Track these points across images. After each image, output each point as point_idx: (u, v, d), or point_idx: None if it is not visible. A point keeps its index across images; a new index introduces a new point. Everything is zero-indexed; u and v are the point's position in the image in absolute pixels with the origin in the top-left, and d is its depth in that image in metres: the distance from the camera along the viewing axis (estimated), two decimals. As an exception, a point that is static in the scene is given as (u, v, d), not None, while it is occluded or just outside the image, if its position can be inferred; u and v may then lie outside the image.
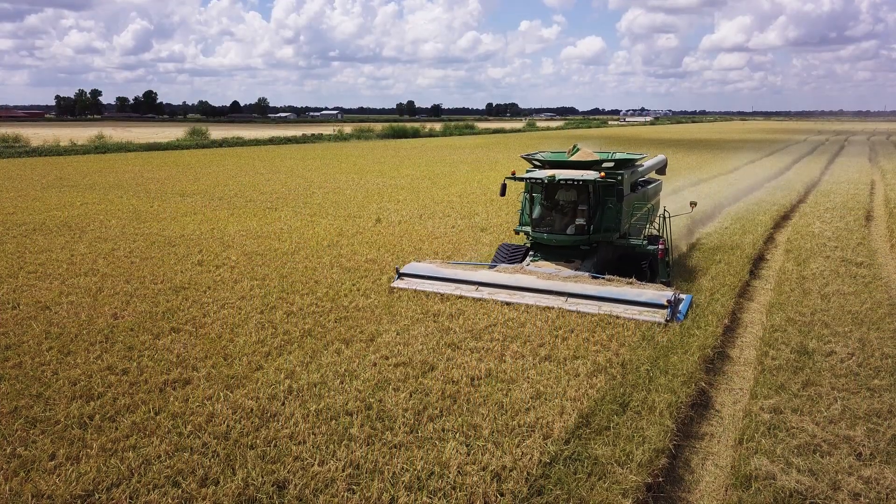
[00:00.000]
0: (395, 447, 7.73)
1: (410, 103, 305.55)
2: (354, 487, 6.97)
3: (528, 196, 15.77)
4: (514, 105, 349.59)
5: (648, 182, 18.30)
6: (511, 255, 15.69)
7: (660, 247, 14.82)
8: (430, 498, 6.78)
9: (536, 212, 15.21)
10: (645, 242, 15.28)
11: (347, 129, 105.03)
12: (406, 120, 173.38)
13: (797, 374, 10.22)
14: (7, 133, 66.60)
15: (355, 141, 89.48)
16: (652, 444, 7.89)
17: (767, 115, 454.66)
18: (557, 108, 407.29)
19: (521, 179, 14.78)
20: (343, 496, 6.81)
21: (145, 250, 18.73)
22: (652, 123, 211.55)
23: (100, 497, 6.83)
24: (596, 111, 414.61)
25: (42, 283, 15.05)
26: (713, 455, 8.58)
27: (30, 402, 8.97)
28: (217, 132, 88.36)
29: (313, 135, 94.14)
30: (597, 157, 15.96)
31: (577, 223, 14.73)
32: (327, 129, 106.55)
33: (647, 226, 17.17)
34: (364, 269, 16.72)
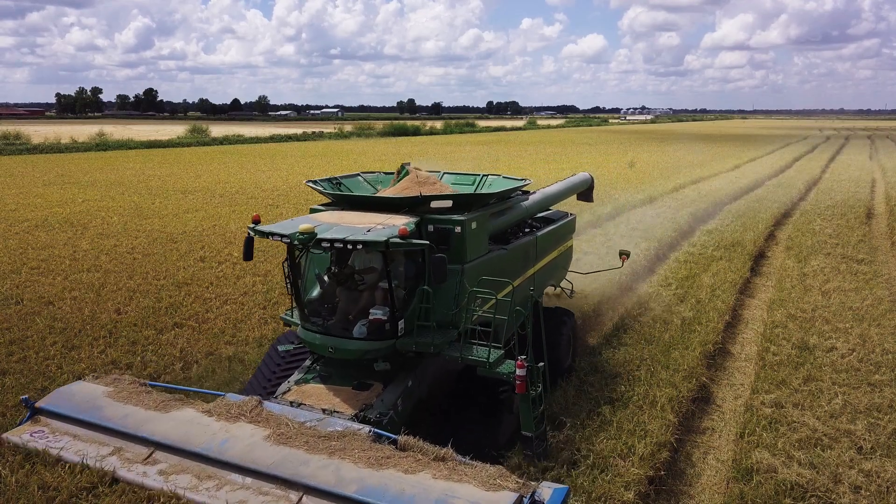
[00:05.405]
0: (399, 440, 7.75)
1: (411, 101, 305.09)
2: (358, 480, 7.00)
3: (292, 262, 8.06)
4: (514, 103, 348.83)
5: (549, 222, 11.02)
6: (283, 367, 8.79)
7: (516, 372, 7.28)
8: (434, 490, 6.80)
9: (315, 290, 8.47)
10: (497, 356, 7.53)
11: (348, 127, 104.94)
12: (406, 118, 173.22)
13: (798, 369, 10.28)
14: (8, 130, 66.58)
15: (356, 139, 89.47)
16: (654, 438, 7.95)
17: (768, 113, 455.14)
18: (558, 106, 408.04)
19: (263, 235, 7.67)
20: (347, 488, 6.83)
21: (147, 247, 18.77)
22: (652, 122, 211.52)
23: (104, 490, 6.87)
24: (597, 109, 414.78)
25: (45, 279, 15.09)
26: (714, 449, 8.63)
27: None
28: (218, 130, 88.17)
29: (314, 133, 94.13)
30: (438, 186, 9.17)
31: (371, 317, 7.76)
32: (328, 128, 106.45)
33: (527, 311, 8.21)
34: (366, 265, 16.75)
